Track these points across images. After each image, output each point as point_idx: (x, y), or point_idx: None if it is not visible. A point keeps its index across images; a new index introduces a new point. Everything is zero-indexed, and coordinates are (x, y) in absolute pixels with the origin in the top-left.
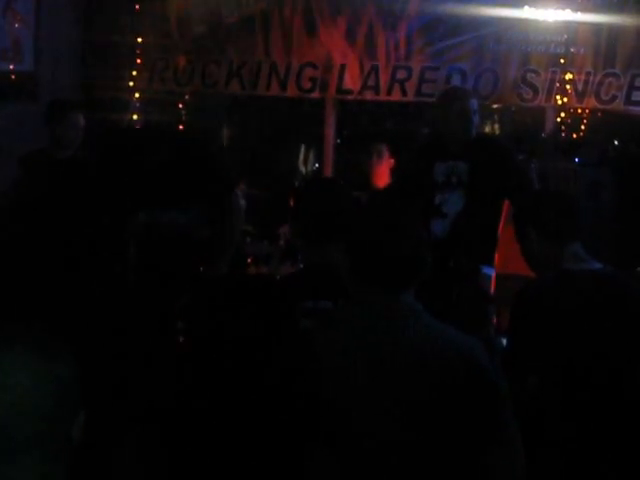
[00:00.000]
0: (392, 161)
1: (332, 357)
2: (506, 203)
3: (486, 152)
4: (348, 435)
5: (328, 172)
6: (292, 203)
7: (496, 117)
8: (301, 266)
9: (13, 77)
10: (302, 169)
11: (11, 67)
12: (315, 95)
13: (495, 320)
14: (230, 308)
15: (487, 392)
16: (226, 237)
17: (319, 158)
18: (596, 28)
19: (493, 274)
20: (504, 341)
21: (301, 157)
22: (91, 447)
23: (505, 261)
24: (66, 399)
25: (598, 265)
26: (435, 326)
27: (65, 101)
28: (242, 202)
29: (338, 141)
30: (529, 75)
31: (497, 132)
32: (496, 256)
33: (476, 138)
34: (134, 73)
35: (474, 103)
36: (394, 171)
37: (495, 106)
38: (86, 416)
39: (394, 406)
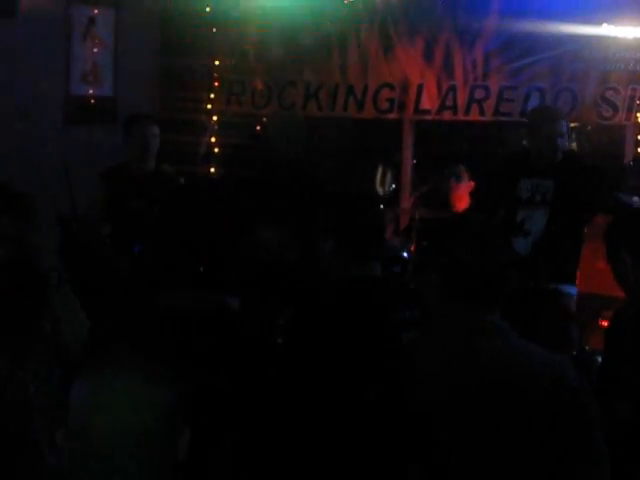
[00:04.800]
0: (472, 183)
1: (425, 374)
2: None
3: (573, 170)
4: (437, 451)
5: (406, 193)
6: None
7: (574, 136)
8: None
9: (93, 101)
10: (379, 190)
11: (91, 91)
12: (393, 116)
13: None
14: (332, 323)
15: (576, 411)
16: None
17: (396, 179)
18: None
19: (575, 293)
20: (599, 359)
21: (378, 178)
22: (195, 465)
23: (587, 280)
24: (170, 421)
25: None
26: (523, 345)
27: (137, 115)
28: None
29: (414, 162)
30: (608, 93)
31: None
32: (578, 274)
33: (564, 157)
34: (212, 96)
35: (564, 125)
36: (473, 193)
37: (572, 125)
38: (190, 434)
39: (482, 425)
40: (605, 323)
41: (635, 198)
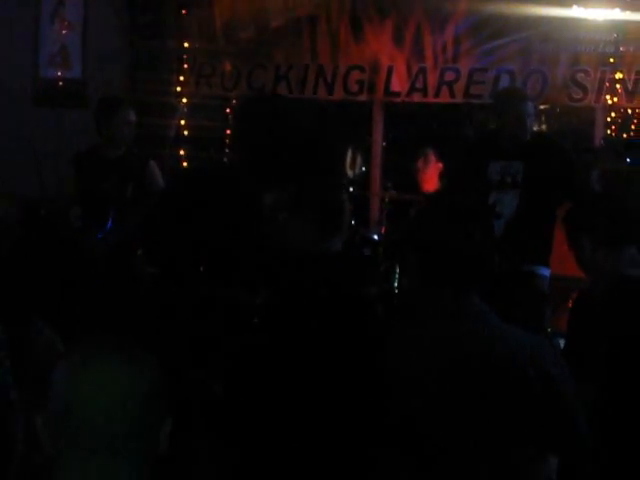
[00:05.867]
0: (440, 165)
1: (404, 357)
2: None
3: (542, 151)
4: (417, 435)
5: (376, 175)
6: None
7: (543, 118)
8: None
9: (61, 84)
10: (350, 173)
11: (59, 74)
12: (362, 98)
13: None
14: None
15: (552, 394)
16: None
17: (366, 162)
18: None
19: (548, 274)
20: (562, 342)
21: (348, 160)
22: (174, 454)
23: (560, 262)
24: (153, 405)
25: None
26: (502, 327)
27: (114, 98)
28: None
29: (384, 144)
30: (578, 75)
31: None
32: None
33: (533, 138)
34: (181, 78)
35: (531, 105)
36: (442, 174)
37: (542, 107)
38: (172, 425)
39: (464, 407)
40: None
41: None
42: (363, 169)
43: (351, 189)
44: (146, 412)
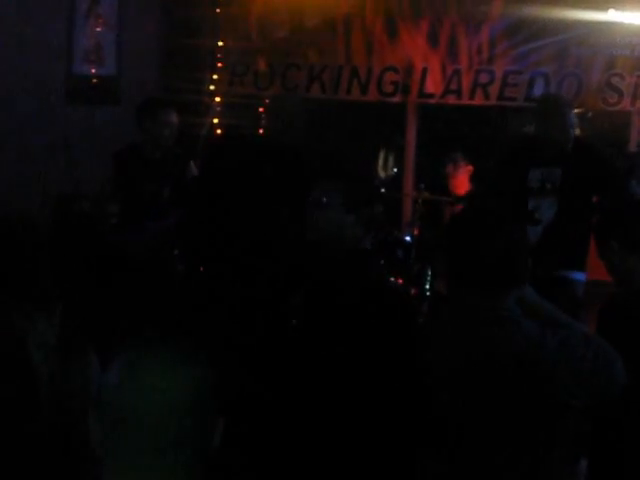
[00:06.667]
0: (470, 168)
1: (437, 356)
2: None
3: (581, 157)
4: (452, 433)
5: (409, 177)
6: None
7: (577, 122)
8: None
9: (95, 80)
10: (381, 174)
11: (93, 71)
12: (396, 99)
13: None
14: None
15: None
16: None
17: (398, 163)
18: None
19: (584, 279)
20: None
21: (380, 162)
22: (227, 452)
23: (596, 267)
24: (204, 406)
25: None
26: (536, 331)
27: (157, 99)
28: None
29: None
30: (614, 79)
31: None
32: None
33: (573, 145)
34: (215, 77)
35: (573, 115)
36: (473, 177)
37: (576, 111)
38: (224, 424)
39: (494, 409)
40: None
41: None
42: (395, 170)
43: (383, 190)
44: (197, 412)
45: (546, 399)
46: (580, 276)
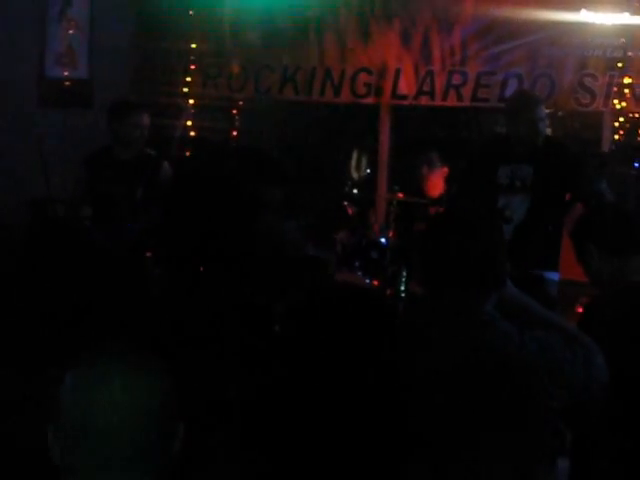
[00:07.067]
0: (445, 169)
1: (412, 360)
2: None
3: (552, 156)
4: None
5: (383, 179)
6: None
7: (549, 122)
8: None
9: (67, 84)
10: (354, 175)
11: (65, 74)
12: (370, 101)
13: None
14: (330, 317)
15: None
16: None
17: (372, 165)
18: None
19: (557, 279)
20: None
21: (353, 163)
22: (190, 458)
23: (568, 266)
24: (165, 414)
25: None
26: (511, 332)
27: (128, 101)
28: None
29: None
30: (586, 79)
31: None
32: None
33: (544, 142)
34: (188, 79)
35: (543, 110)
36: (448, 178)
37: (548, 111)
38: (185, 428)
39: (475, 412)
40: (581, 310)
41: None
42: (368, 171)
43: (355, 191)
44: (157, 423)
45: (526, 401)
46: (554, 275)
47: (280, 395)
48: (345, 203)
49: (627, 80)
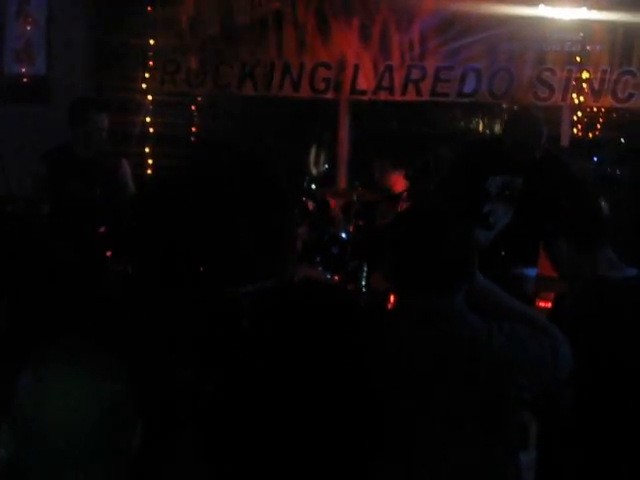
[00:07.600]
0: (400, 174)
1: (384, 359)
2: None
3: (545, 171)
4: (400, 438)
5: (342, 174)
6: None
7: (505, 117)
8: None
9: (25, 80)
10: (313, 171)
11: (23, 70)
12: (329, 96)
13: None
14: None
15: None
16: None
17: (331, 160)
18: (612, 26)
19: (534, 274)
20: None
21: (312, 159)
22: (148, 456)
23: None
24: (122, 413)
25: (632, 271)
26: (481, 327)
27: (87, 99)
28: None
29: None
30: (545, 74)
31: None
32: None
33: (541, 157)
34: (146, 75)
35: (544, 125)
36: (409, 175)
37: (504, 106)
38: (143, 426)
39: (446, 406)
40: (543, 304)
41: None
42: (326, 167)
43: (314, 187)
44: (115, 417)
45: (496, 393)
46: (532, 272)
47: (246, 392)
48: (304, 199)
49: (585, 74)
